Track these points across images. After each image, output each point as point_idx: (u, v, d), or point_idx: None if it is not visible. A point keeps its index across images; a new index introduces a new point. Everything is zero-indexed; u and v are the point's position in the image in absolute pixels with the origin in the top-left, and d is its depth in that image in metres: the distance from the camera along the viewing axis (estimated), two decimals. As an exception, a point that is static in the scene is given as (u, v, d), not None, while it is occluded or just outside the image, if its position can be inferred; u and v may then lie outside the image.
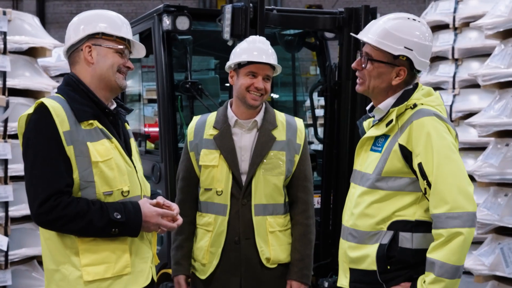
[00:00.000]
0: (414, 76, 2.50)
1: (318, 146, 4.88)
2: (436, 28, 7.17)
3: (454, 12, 6.92)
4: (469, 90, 6.71)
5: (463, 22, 6.78)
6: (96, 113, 2.35)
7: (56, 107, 2.26)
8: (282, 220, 2.90)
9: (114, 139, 2.37)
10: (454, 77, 6.85)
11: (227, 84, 3.25)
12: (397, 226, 2.39)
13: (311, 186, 2.98)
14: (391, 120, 2.42)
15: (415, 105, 2.42)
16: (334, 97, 3.81)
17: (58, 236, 2.28)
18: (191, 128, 2.97)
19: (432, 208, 2.31)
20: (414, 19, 2.48)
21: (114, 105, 2.47)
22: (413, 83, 2.54)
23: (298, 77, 5.54)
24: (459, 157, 2.37)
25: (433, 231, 2.31)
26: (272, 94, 5.04)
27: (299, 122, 2.98)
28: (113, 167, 2.31)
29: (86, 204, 2.23)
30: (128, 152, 2.44)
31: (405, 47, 2.40)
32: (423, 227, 2.37)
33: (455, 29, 6.92)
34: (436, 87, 7.07)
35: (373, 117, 2.59)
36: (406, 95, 2.46)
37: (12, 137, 5.24)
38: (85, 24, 2.41)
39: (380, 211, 2.41)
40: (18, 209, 5.18)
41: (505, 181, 4.52)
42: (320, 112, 6.87)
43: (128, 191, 2.34)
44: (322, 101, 4.17)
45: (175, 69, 4.08)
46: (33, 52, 5.51)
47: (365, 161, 2.51)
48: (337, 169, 3.82)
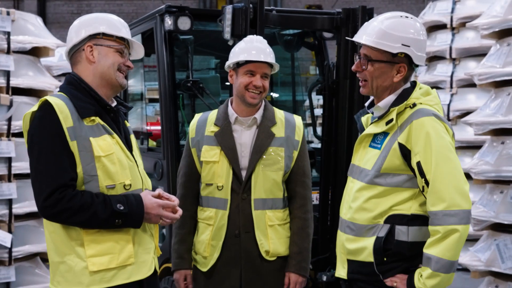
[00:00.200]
0: (413, 71, 2.57)
1: (319, 145, 4.93)
2: (434, 28, 7.23)
3: (452, 12, 6.97)
4: (467, 89, 6.77)
5: (461, 22, 6.84)
6: (98, 110, 2.42)
7: (60, 104, 2.33)
8: (281, 214, 2.97)
9: (115, 135, 2.43)
10: (452, 77, 6.91)
11: (228, 83, 3.30)
12: (394, 220, 2.46)
13: (309, 182, 3.04)
14: (391, 119, 2.49)
15: (415, 105, 2.48)
16: (332, 96, 3.86)
17: (63, 229, 2.33)
18: (193, 125, 3.03)
19: (430, 206, 2.38)
20: (407, 17, 2.55)
21: (115, 103, 2.54)
22: (411, 81, 2.61)
23: (298, 77, 5.56)
24: (456, 157, 2.44)
25: (430, 228, 2.38)
26: (272, 94, 5.07)
27: (298, 119, 3.04)
28: (115, 162, 2.38)
29: (90, 197, 2.29)
30: (129, 148, 2.51)
31: (403, 44, 2.47)
32: (419, 221, 2.44)
33: (453, 29, 6.98)
34: (434, 86, 7.12)
35: (372, 113, 2.65)
36: (406, 94, 2.52)
37: (16, 136, 5.28)
38: (86, 26, 2.48)
39: (378, 206, 2.48)
40: (22, 207, 5.22)
41: (501, 179, 4.58)
42: (320, 112, 6.91)
43: (130, 185, 2.40)
44: (322, 101, 4.22)
45: (177, 68, 4.13)
46: (36, 52, 5.54)
47: (364, 157, 2.58)
48: (335, 166, 3.87)
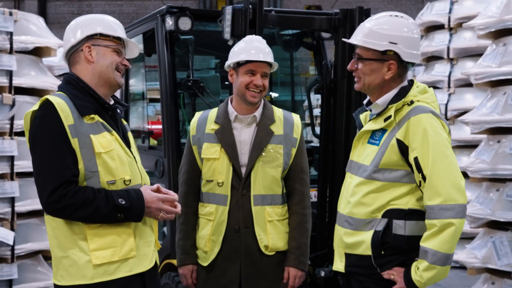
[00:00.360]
0: (406, 69, 2.63)
1: (318, 144, 4.96)
2: (432, 29, 7.28)
3: (449, 13, 7.00)
4: (464, 89, 6.81)
5: (458, 23, 6.88)
6: (97, 108, 2.48)
7: (61, 103, 2.38)
8: (280, 210, 3.03)
9: (114, 132, 2.49)
10: (449, 76, 6.95)
11: (227, 82, 3.35)
12: (391, 214, 2.52)
13: (307, 178, 3.09)
14: (390, 116, 2.55)
15: (412, 102, 2.55)
16: (330, 95, 3.90)
17: (66, 224, 2.39)
18: (194, 123, 3.09)
19: (427, 200, 2.44)
20: (397, 16, 2.61)
21: (112, 102, 2.60)
22: (408, 79, 2.68)
23: (298, 77, 5.60)
24: (452, 153, 2.50)
25: (427, 222, 2.44)
26: (272, 93, 5.11)
27: (296, 118, 3.11)
28: (115, 158, 2.44)
29: (92, 192, 2.35)
30: (127, 144, 2.57)
31: (390, 42, 2.54)
32: (416, 215, 2.51)
33: (450, 29, 7.02)
34: (432, 86, 7.11)
35: (370, 111, 2.72)
36: (403, 92, 2.59)
37: (18, 135, 5.33)
38: (84, 27, 2.54)
39: (376, 200, 2.54)
40: (24, 205, 5.27)
41: (497, 177, 4.63)
42: (319, 111, 6.95)
43: (130, 180, 2.47)
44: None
45: (178, 68, 4.17)
46: (38, 52, 5.59)
47: (362, 153, 2.64)
48: (333, 164, 3.91)
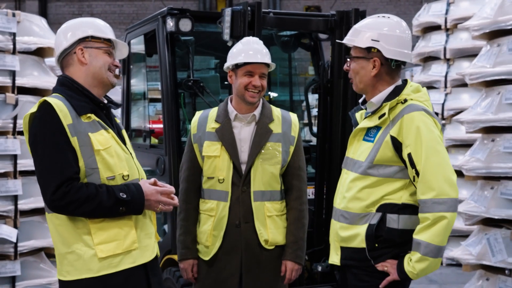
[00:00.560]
0: (395, 67, 2.70)
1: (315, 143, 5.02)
2: (429, 29, 7.36)
3: (446, 14, 7.09)
4: (460, 89, 6.90)
5: (455, 24, 6.97)
6: (93, 108, 2.55)
7: (59, 104, 2.46)
8: (279, 206, 3.11)
9: (110, 130, 2.57)
10: (446, 77, 7.04)
11: (227, 82, 3.41)
12: (385, 209, 2.61)
13: (305, 175, 3.18)
14: (384, 114, 2.64)
15: (406, 100, 2.64)
16: (327, 94, 3.98)
17: (69, 220, 2.46)
18: (194, 122, 3.17)
19: (420, 194, 2.53)
20: (384, 16, 2.73)
21: (105, 101, 2.68)
22: (403, 79, 2.78)
23: (297, 77, 5.64)
24: (444, 149, 2.59)
25: (420, 215, 2.53)
26: (271, 93, 5.16)
27: (294, 117, 3.19)
28: (113, 154, 2.51)
29: (94, 188, 2.43)
30: (123, 141, 2.65)
31: (372, 40, 2.64)
32: (409, 210, 2.60)
33: (447, 30, 7.11)
34: (429, 86, 7.26)
35: (365, 109, 2.81)
36: (397, 91, 2.69)
37: (21, 134, 5.40)
38: (75, 30, 2.60)
39: (370, 195, 2.63)
40: (27, 203, 5.33)
41: (491, 175, 4.72)
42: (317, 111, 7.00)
43: (128, 175, 2.54)
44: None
45: (178, 68, 4.23)
46: (41, 52, 5.65)
47: (358, 150, 2.73)
48: (330, 162, 3.99)
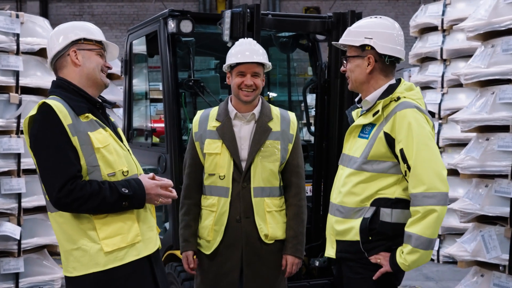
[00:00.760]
0: (389, 65, 2.80)
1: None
2: (426, 30, 7.44)
3: (443, 15, 7.17)
4: (457, 89, 6.99)
5: (451, 25, 7.05)
6: (90, 107, 2.63)
7: (58, 105, 2.52)
8: (278, 202, 3.20)
9: (108, 128, 2.65)
10: (443, 77, 7.12)
11: (226, 82, 3.51)
12: (379, 203, 2.70)
13: (303, 172, 3.27)
14: (378, 111, 2.74)
15: (399, 98, 2.74)
16: (324, 94, 4.07)
17: (74, 218, 2.53)
18: (196, 121, 3.26)
19: (411, 188, 2.62)
20: (376, 17, 2.84)
21: (100, 101, 2.75)
22: (396, 78, 2.87)
23: (296, 78, 5.71)
24: (435, 145, 2.69)
25: (411, 208, 2.62)
26: (270, 93, 5.23)
27: (292, 115, 3.29)
28: (112, 152, 2.59)
29: (97, 185, 2.50)
30: (119, 139, 2.72)
31: (365, 37, 2.75)
32: (402, 204, 2.69)
33: (444, 31, 7.18)
34: (426, 86, 7.36)
35: (361, 108, 2.91)
36: (391, 89, 2.78)
37: (25, 133, 5.49)
38: (68, 33, 2.67)
39: (365, 190, 2.72)
40: (30, 201, 5.41)
41: (486, 173, 4.80)
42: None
43: (127, 171, 2.63)
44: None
45: (179, 69, 4.31)
46: (44, 53, 5.70)
47: (353, 146, 2.83)
48: (327, 160, 4.08)
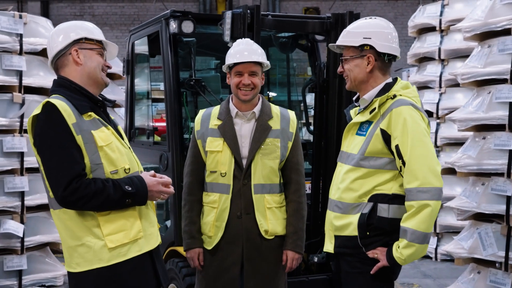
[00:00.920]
0: (387, 63, 2.88)
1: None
2: (424, 31, 7.49)
3: (441, 16, 7.22)
4: (454, 89, 7.04)
5: (449, 25, 7.10)
6: (92, 106, 2.67)
7: (62, 104, 2.54)
8: (278, 198, 3.26)
9: (109, 126, 2.69)
10: (441, 77, 7.17)
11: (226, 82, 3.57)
12: (377, 199, 2.77)
13: (303, 169, 3.33)
14: (374, 108, 2.81)
15: (395, 96, 2.81)
16: (323, 93, 4.13)
17: (78, 215, 2.57)
18: (198, 119, 3.32)
19: (406, 184, 2.68)
20: (371, 18, 2.92)
21: (101, 100, 2.79)
22: (393, 77, 2.94)
23: (296, 77, 5.74)
24: (430, 141, 2.75)
25: (406, 203, 2.69)
26: (270, 93, 5.27)
27: (292, 114, 3.35)
28: (115, 150, 2.64)
29: (101, 183, 2.54)
30: (120, 137, 2.76)
31: (364, 38, 2.83)
32: (398, 200, 2.75)
33: (442, 32, 7.24)
34: (424, 86, 7.42)
35: (359, 106, 2.98)
36: (387, 88, 2.85)
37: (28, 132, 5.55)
38: (69, 32, 2.68)
39: (363, 186, 2.79)
40: (33, 199, 5.49)
41: (482, 171, 4.87)
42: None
43: (129, 168, 2.67)
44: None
45: (181, 68, 4.34)
46: (46, 53, 5.81)
47: (351, 144, 2.90)
48: (326, 158, 4.14)
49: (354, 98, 3.03)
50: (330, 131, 4.10)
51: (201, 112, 3.37)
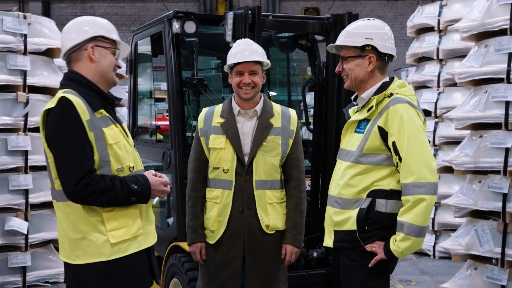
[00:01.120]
0: (386, 63, 2.96)
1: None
2: (422, 31, 7.55)
3: (439, 16, 7.28)
4: (453, 88, 7.10)
5: (447, 25, 7.17)
6: (103, 103, 2.71)
7: (77, 100, 2.56)
8: (279, 194, 3.34)
9: (118, 124, 2.74)
10: (439, 76, 7.23)
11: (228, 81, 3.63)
12: (375, 194, 2.84)
13: (303, 166, 3.40)
14: (372, 106, 2.89)
15: (392, 94, 2.89)
16: (322, 92, 4.20)
17: (83, 209, 2.60)
18: (201, 117, 3.40)
19: (402, 179, 2.76)
20: (369, 19, 3.00)
21: (112, 97, 2.82)
22: (390, 77, 3.02)
23: (296, 77, 5.78)
24: (426, 137, 2.83)
25: (402, 198, 2.77)
26: (271, 92, 5.33)
27: (292, 112, 3.43)
28: (122, 148, 2.69)
29: (110, 180, 2.60)
30: (126, 135, 2.81)
31: (366, 38, 2.90)
32: (396, 195, 2.83)
33: (440, 32, 7.30)
34: (422, 86, 7.49)
35: (357, 105, 3.05)
36: (384, 86, 2.94)
37: (32, 130, 5.60)
38: (87, 28, 2.71)
39: (361, 182, 2.86)
40: (37, 196, 5.57)
41: (479, 169, 4.94)
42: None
43: (133, 167, 2.74)
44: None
45: (183, 68, 4.40)
46: (50, 53, 5.85)
47: (350, 141, 2.97)
48: (325, 155, 4.20)
49: (353, 97, 3.10)
50: (329, 129, 4.16)
51: (204, 110, 3.45)
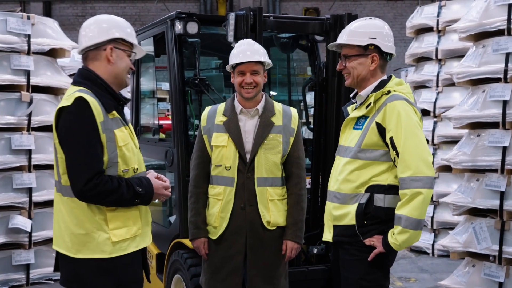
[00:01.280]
0: (386, 61, 3.04)
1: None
2: (422, 31, 7.61)
3: (438, 16, 7.34)
4: (451, 88, 7.17)
5: (446, 26, 7.23)
6: (115, 105, 2.75)
7: (93, 101, 2.59)
8: (280, 191, 3.40)
9: (127, 126, 2.79)
10: (438, 76, 7.29)
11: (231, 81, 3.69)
12: (373, 189, 2.91)
13: (304, 163, 3.47)
14: (370, 103, 2.96)
15: (389, 92, 2.96)
16: (322, 91, 4.25)
17: (88, 207, 2.65)
18: (204, 116, 3.47)
19: (399, 173, 2.83)
20: (371, 18, 3.07)
21: (124, 99, 2.85)
22: (388, 75, 3.09)
23: (296, 77, 5.82)
24: (422, 133, 2.90)
25: (400, 192, 2.84)
26: (271, 92, 5.39)
27: (294, 111, 3.49)
28: (130, 150, 2.74)
29: (117, 181, 2.65)
30: (133, 135, 2.85)
31: (369, 37, 2.97)
32: (394, 190, 2.90)
33: (439, 32, 7.36)
34: (421, 86, 7.55)
35: (356, 102, 3.13)
36: (382, 84, 3.01)
37: (35, 130, 5.66)
38: (109, 28, 2.72)
39: (360, 177, 2.93)
40: (41, 195, 5.63)
41: (477, 168, 4.99)
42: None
43: (137, 168, 2.79)
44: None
45: (185, 68, 4.45)
46: (54, 53, 5.92)
47: (349, 137, 3.05)
48: (325, 154, 4.26)
49: (352, 95, 3.18)
50: (329, 128, 4.21)
51: (207, 109, 3.51)
